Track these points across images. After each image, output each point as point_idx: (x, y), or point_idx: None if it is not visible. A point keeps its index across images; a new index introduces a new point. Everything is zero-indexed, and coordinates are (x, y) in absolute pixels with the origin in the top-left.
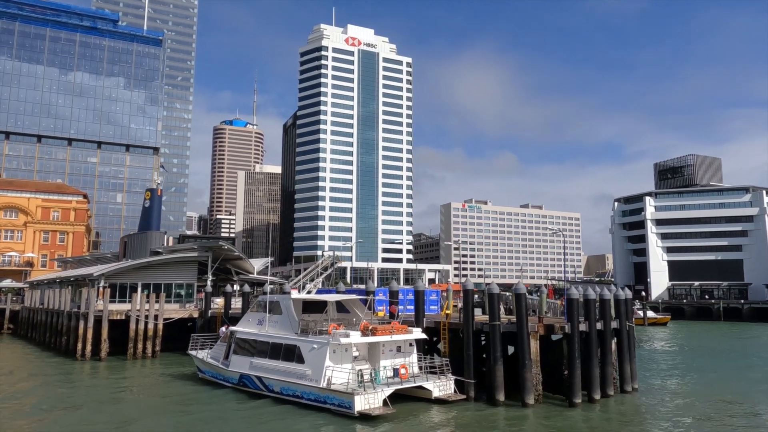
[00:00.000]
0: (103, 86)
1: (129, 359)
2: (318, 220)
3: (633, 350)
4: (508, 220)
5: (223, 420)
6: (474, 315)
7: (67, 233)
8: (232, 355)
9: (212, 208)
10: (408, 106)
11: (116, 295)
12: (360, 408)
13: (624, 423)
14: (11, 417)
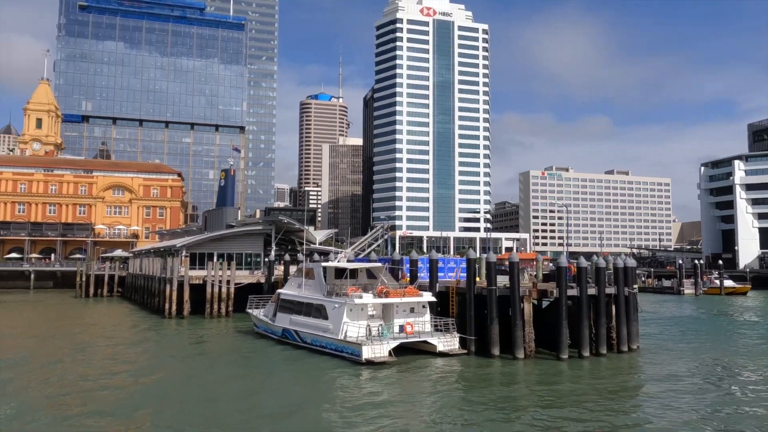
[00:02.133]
0: (193, 71)
1: (206, 317)
2: (396, 191)
3: (633, 314)
4: (591, 187)
5: (267, 362)
6: (476, 282)
7: (165, 208)
8: (277, 313)
9: (301, 181)
10: (485, 74)
11: (196, 263)
12: (367, 356)
13: (596, 376)
14: (115, 356)
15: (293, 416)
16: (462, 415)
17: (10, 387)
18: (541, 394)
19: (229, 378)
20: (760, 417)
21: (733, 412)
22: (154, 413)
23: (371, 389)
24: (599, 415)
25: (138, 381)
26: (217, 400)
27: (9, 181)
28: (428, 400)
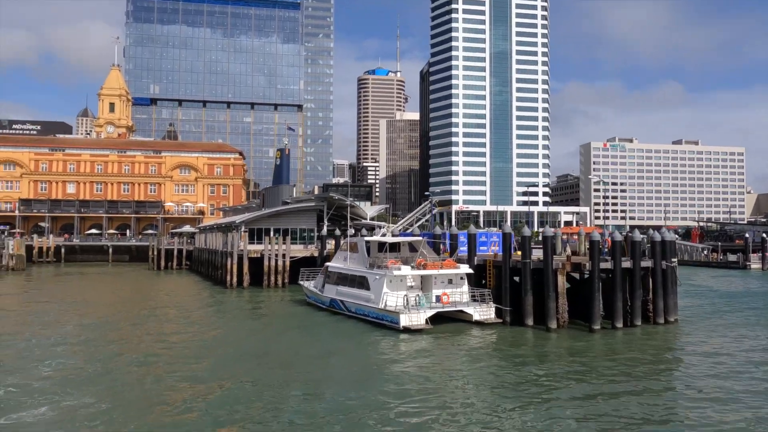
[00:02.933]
0: (252, 51)
1: (264, 288)
2: (451, 165)
3: (670, 287)
4: (657, 158)
5: (315, 328)
6: (511, 255)
7: (228, 186)
8: (325, 285)
9: (359, 156)
10: (543, 42)
11: (254, 237)
12: (404, 324)
13: (623, 346)
14: (187, 318)
15: (334, 375)
16: (491, 379)
17: (105, 341)
18: (568, 362)
19: (278, 341)
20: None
21: (752, 386)
22: (216, 360)
23: (407, 354)
24: (618, 381)
25: (207, 336)
26: (267, 355)
27: (87, 163)
28: (460, 364)
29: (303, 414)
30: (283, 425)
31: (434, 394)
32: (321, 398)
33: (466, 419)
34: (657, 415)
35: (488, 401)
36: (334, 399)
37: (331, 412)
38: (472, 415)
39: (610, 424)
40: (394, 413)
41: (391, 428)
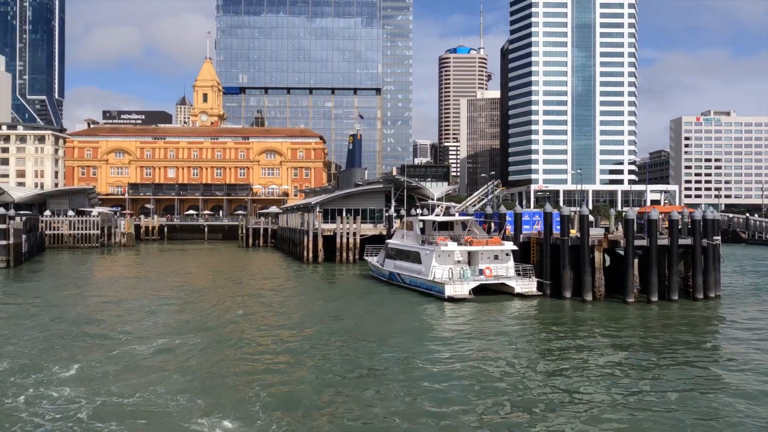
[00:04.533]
0: (332, 37)
1: (336, 263)
2: (531, 144)
3: (711, 264)
4: (757, 132)
5: (375, 296)
6: (563, 233)
7: (309, 168)
8: (386, 260)
9: (441, 136)
10: (630, 14)
11: (328, 217)
12: (449, 293)
13: (657, 318)
14: (272, 287)
15: (389, 332)
16: (520, 340)
17: (205, 302)
18: (595, 330)
19: (345, 307)
20: None
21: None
22: (296, 318)
23: (449, 319)
24: (641, 348)
25: (285, 300)
26: (338, 316)
27: (185, 150)
28: (495, 327)
29: (367, 357)
30: (351, 364)
31: (468, 350)
32: (382, 347)
33: (492, 373)
34: (679, 379)
35: (515, 359)
36: (391, 348)
37: (388, 359)
38: (497, 368)
39: (632, 386)
40: (435, 360)
41: (432, 368)
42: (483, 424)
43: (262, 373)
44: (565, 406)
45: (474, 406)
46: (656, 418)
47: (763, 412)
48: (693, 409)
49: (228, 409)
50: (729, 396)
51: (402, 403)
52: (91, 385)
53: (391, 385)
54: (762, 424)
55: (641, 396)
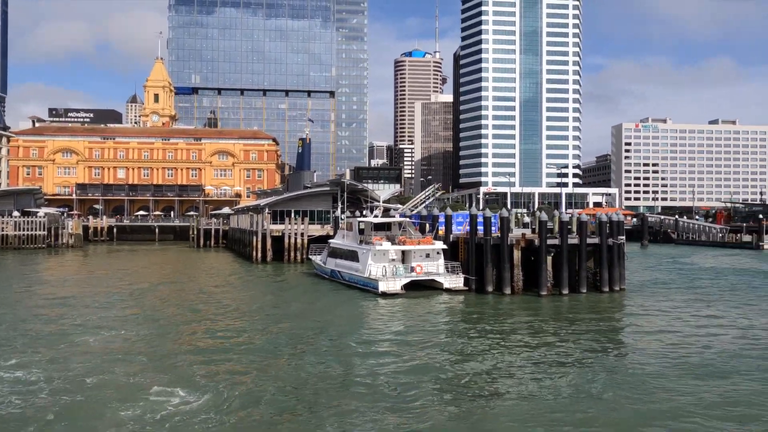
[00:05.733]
0: (287, 39)
1: (285, 263)
2: (481, 148)
3: (618, 260)
4: (691, 139)
5: (317, 292)
6: (477, 233)
7: (262, 170)
8: (328, 258)
9: (396, 138)
10: (575, 24)
11: (277, 218)
12: (383, 289)
13: (560, 308)
14: (218, 284)
15: (325, 326)
16: (442, 327)
17: (153, 297)
18: (508, 318)
19: (287, 301)
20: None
21: (657, 347)
22: (240, 311)
23: (381, 312)
24: (544, 332)
25: (229, 295)
26: (280, 309)
27: (135, 150)
28: (421, 319)
29: (304, 342)
30: (290, 352)
31: (396, 337)
32: (318, 335)
33: (416, 357)
34: (581, 357)
35: (440, 345)
36: (327, 335)
37: (323, 344)
38: (421, 351)
39: (536, 358)
40: (368, 346)
41: (363, 350)
42: (409, 398)
43: (211, 353)
44: (483, 383)
45: (400, 383)
46: (563, 391)
47: (653, 384)
48: (596, 381)
49: (177, 383)
50: (630, 374)
51: (334, 376)
52: (48, 369)
53: (325, 363)
54: (654, 396)
55: (552, 376)
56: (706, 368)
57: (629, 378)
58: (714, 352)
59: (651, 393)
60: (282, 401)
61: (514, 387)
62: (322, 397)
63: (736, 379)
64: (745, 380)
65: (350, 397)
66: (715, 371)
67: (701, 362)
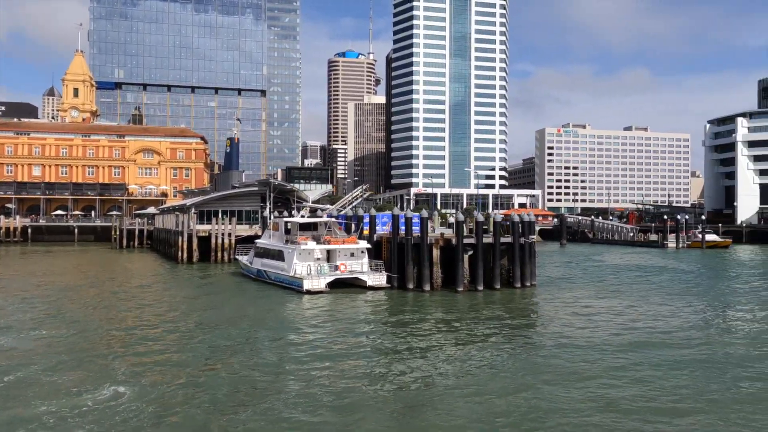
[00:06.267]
0: (217, 36)
1: (211, 263)
2: (412, 149)
3: (529, 258)
4: (608, 144)
5: (242, 291)
6: (399, 233)
7: (190, 169)
8: (254, 258)
9: (330, 138)
10: (502, 31)
11: (204, 218)
12: (307, 287)
13: (479, 302)
14: (141, 286)
15: (250, 325)
16: (370, 325)
17: (68, 300)
18: (426, 313)
19: (210, 301)
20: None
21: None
22: (170, 308)
23: (305, 309)
24: (456, 324)
25: (158, 295)
26: (203, 310)
27: (53, 146)
28: (343, 315)
29: (227, 340)
30: (211, 350)
31: (317, 332)
32: (242, 333)
33: (338, 350)
34: (495, 344)
35: (359, 339)
36: (247, 335)
37: (247, 342)
38: (341, 345)
39: (448, 347)
40: (291, 343)
41: (285, 347)
42: (332, 388)
43: (132, 352)
44: (400, 372)
45: (320, 372)
46: (481, 376)
47: (561, 363)
48: (509, 364)
49: (98, 380)
50: (538, 356)
51: (258, 372)
52: None
53: (248, 358)
54: (559, 376)
55: (469, 362)
56: (600, 347)
57: (539, 359)
58: (607, 335)
59: (555, 368)
60: (204, 400)
61: (436, 376)
62: (243, 394)
63: (628, 355)
64: (632, 355)
65: (274, 394)
66: (609, 349)
67: (597, 342)
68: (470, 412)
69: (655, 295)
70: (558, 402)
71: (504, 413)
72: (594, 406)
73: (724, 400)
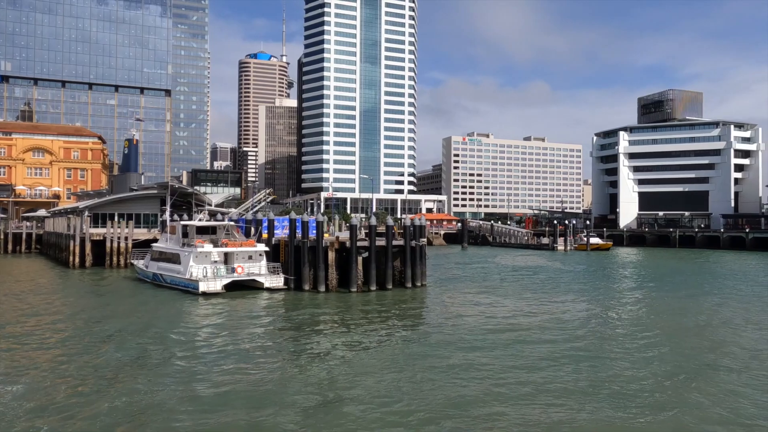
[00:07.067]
0: (119, 31)
1: (106, 268)
2: (323, 154)
3: (419, 260)
4: (509, 152)
5: (137, 295)
6: (297, 236)
7: (86, 170)
8: (150, 262)
9: (240, 141)
10: (410, 41)
11: (98, 221)
12: (203, 289)
13: (370, 300)
14: (26, 296)
15: (143, 328)
16: (262, 326)
17: None
18: (322, 313)
19: (103, 306)
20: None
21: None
22: (54, 315)
23: (201, 311)
24: (346, 320)
25: (45, 301)
26: (95, 315)
27: None
28: (239, 316)
29: (117, 343)
30: (98, 355)
31: (212, 333)
32: (135, 338)
33: (232, 350)
34: (378, 331)
35: (254, 337)
36: (145, 338)
37: (143, 344)
38: (234, 346)
39: (351, 343)
40: (184, 342)
41: (175, 346)
42: (220, 389)
43: (18, 355)
44: (298, 369)
45: (217, 374)
46: (373, 366)
47: (446, 353)
48: (401, 354)
49: None
50: (425, 345)
51: (150, 373)
52: None
53: (138, 362)
54: (447, 359)
55: (362, 353)
56: (482, 336)
57: (426, 349)
58: (484, 327)
59: (443, 357)
60: (99, 411)
61: (333, 369)
62: (139, 396)
63: (514, 344)
64: (517, 344)
65: (169, 397)
66: (488, 338)
67: (478, 333)
68: (368, 404)
69: (530, 292)
70: (442, 389)
71: (396, 401)
72: (475, 393)
73: (583, 387)
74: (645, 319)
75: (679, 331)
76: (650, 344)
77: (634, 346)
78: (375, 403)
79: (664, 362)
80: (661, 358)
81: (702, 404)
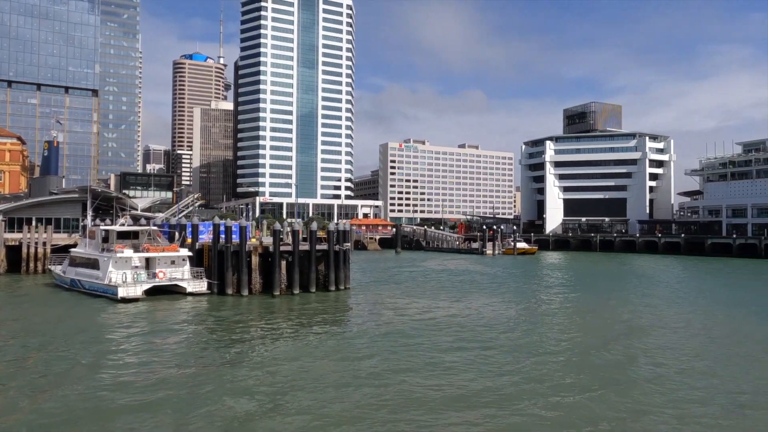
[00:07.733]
0: (42, 27)
1: (23, 274)
2: (259, 158)
3: (343, 263)
4: (443, 159)
5: (53, 300)
6: (227, 241)
7: (3, 172)
8: (68, 267)
9: (174, 143)
10: (348, 48)
11: (15, 226)
12: (122, 295)
13: (291, 303)
14: None
15: (57, 337)
16: (181, 329)
17: None
18: (245, 316)
19: (17, 314)
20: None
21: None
22: None
23: (119, 317)
24: (267, 321)
25: None
26: (6, 322)
27: None
28: (158, 321)
29: (35, 352)
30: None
31: (130, 339)
32: (49, 345)
33: (148, 356)
34: (310, 333)
35: (170, 342)
36: (58, 345)
37: (57, 353)
38: (151, 352)
39: (272, 338)
40: (100, 348)
41: (103, 351)
42: (147, 394)
43: None
44: (214, 370)
45: (133, 380)
46: (300, 362)
47: (369, 345)
48: (323, 350)
49: None
50: (347, 342)
51: (67, 383)
52: None
53: (55, 370)
54: (367, 352)
55: (290, 352)
56: (401, 332)
57: (346, 344)
58: (399, 323)
59: (366, 350)
60: (19, 422)
61: (254, 371)
62: (51, 401)
63: (425, 336)
64: (428, 337)
65: (83, 411)
66: (408, 334)
67: (398, 330)
68: (299, 397)
69: (445, 293)
70: (362, 380)
71: (322, 401)
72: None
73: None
74: (536, 314)
75: (551, 324)
76: (534, 333)
77: (520, 336)
78: (302, 403)
79: (545, 352)
80: (548, 349)
81: (602, 396)
